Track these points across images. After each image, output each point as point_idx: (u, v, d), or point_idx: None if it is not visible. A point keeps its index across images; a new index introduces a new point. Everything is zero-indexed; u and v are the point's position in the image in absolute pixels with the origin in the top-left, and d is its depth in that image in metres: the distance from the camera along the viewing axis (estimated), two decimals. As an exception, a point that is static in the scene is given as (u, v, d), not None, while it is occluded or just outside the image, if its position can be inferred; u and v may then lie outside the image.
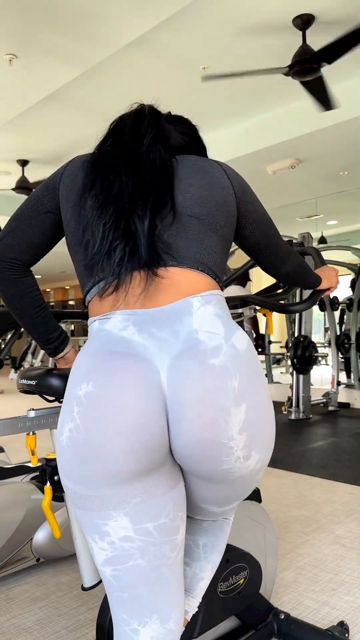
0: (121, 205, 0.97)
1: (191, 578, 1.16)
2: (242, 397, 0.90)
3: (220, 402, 0.88)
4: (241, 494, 1.03)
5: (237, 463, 0.92)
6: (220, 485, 0.97)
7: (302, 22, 3.84)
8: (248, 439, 0.91)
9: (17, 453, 4.19)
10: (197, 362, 0.90)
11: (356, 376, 6.44)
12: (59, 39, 3.76)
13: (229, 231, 1.09)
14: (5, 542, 1.97)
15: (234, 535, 1.58)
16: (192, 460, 0.92)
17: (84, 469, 0.89)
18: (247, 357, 0.94)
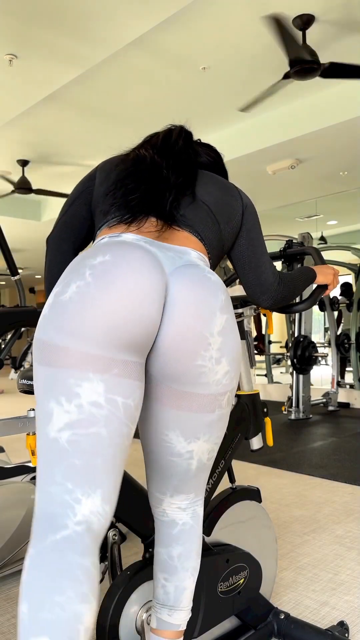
0: (151, 174, 1.15)
1: (174, 593, 1.17)
2: (225, 309, 1.05)
3: (212, 304, 1.03)
4: (208, 428, 1.08)
5: (209, 363, 1.03)
6: (188, 398, 1.05)
7: (302, 22, 3.84)
8: (222, 343, 1.04)
9: (17, 453, 4.19)
10: (198, 271, 1.04)
11: (356, 376, 6.44)
12: (59, 39, 3.76)
13: (229, 232, 1.22)
14: (6, 541, 1.97)
15: (234, 535, 1.58)
16: (172, 352, 1.02)
17: (85, 317, 0.94)
18: (229, 300, 1.08)
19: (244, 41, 4.14)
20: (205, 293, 1.02)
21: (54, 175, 7.25)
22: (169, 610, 1.16)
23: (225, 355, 1.05)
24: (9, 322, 2.14)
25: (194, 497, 1.18)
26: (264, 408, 1.65)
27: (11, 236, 9.58)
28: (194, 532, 1.18)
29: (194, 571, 1.19)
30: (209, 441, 1.11)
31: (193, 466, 1.12)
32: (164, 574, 1.17)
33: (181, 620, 1.17)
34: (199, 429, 1.08)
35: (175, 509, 1.18)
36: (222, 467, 1.52)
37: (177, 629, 1.17)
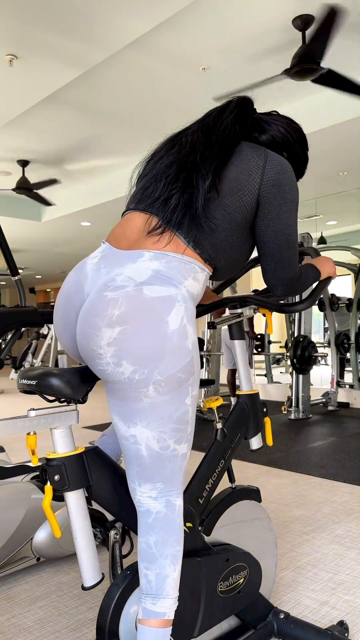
0: (185, 161, 1.25)
1: (156, 581, 1.19)
2: (118, 322, 1.13)
3: (95, 322, 1.15)
4: (142, 414, 1.16)
5: (108, 367, 1.15)
6: (112, 389, 1.19)
7: (302, 22, 3.84)
8: (117, 350, 1.13)
9: (17, 453, 4.19)
10: (97, 291, 1.19)
11: (356, 376, 6.44)
12: (59, 39, 3.76)
13: (235, 204, 1.26)
14: (6, 541, 1.97)
15: (234, 535, 1.58)
16: (83, 357, 1.23)
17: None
18: (151, 304, 1.14)
19: (244, 41, 4.14)
20: (90, 313, 1.17)
21: (54, 175, 7.25)
22: (153, 599, 1.18)
23: (125, 358, 1.13)
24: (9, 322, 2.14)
25: (162, 487, 1.21)
26: (263, 408, 1.65)
27: (11, 236, 9.58)
28: (169, 521, 1.21)
29: (174, 559, 1.20)
30: (149, 427, 1.17)
31: (143, 452, 1.19)
32: (145, 562, 1.20)
33: (166, 608, 1.18)
34: (133, 414, 1.18)
35: (147, 498, 1.21)
36: (222, 467, 1.52)
37: (163, 618, 1.17)
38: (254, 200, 1.26)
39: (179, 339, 1.16)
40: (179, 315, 1.16)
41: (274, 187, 1.26)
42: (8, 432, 1.17)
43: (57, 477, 1.21)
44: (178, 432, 1.20)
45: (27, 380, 1.23)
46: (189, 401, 1.20)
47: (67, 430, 1.24)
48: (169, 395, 1.16)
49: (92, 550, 1.25)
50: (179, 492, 1.24)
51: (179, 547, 1.22)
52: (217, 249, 1.27)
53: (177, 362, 1.16)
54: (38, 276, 15.91)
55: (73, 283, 1.27)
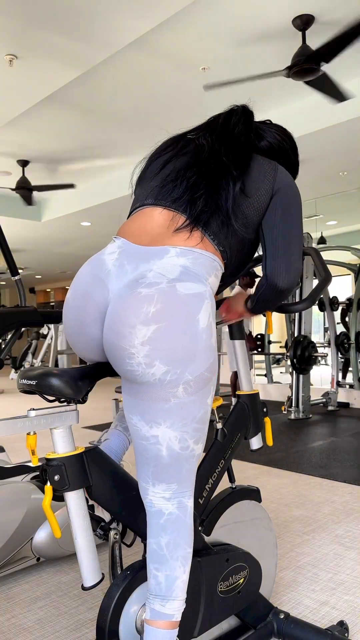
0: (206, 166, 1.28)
1: (165, 582, 1.19)
2: (154, 320, 1.11)
3: (130, 319, 1.12)
4: (167, 414, 1.15)
5: (139, 367, 1.12)
6: (139, 390, 1.16)
7: (302, 22, 3.84)
8: (151, 350, 1.11)
9: (17, 453, 4.19)
10: (130, 288, 1.16)
11: (356, 376, 6.44)
12: (59, 39, 3.76)
13: (249, 206, 1.29)
14: (6, 541, 1.97)
15: (234, 535, 1.58)
16: (110, 359, 1.18)
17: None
18: (185, 301, 1.14)
19: (244, 41, 4.14)
20: (123, 310, 1.14)
21: (54, 175, 7.24)
22: (162, 600, 1.18)
23: (158, 359, 1.12)
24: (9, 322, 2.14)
25: (177, 488, 1.21)
26: (263, 408, 1.65)
27: (11, 236, 9.58)
28: (181, 522, 1.21)
29: (184, 561, 1.21)
30: (173, 428, 1.16)
31: (163, 452, 1.18)
32: (155, 564, 1.20)
33: (174, 610, 1.18)
34: (158, 415, 1.16)
35: (160, 499, 1.21)
36: (222, 467, 1.52)
37: (171, 619, 1.18)
38: (268, 201, 1.30)
39: (207, 336, 1.16)
40: (207, 312, 1.17)
41: (286, 186, 1.32)
42: (8, 432, 1.17)
43: (57, 477, 1.21)
44: (198, 432, 1.20)
45: (27, 380, 1.23)
46: (209, 400, 1.21)
47: (67, 430, 1.24)
48: (195, 395, 1.17)
49: (92, 550, 1.25)
50: (191, 493, 1.24)
51: (190, 549, 1.22)
52: (234, 249, 1.30)
53: (205, 361, 1.16)
54: (38, 276, 15.91)
55: (93, 279, 1.22)
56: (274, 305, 1.37)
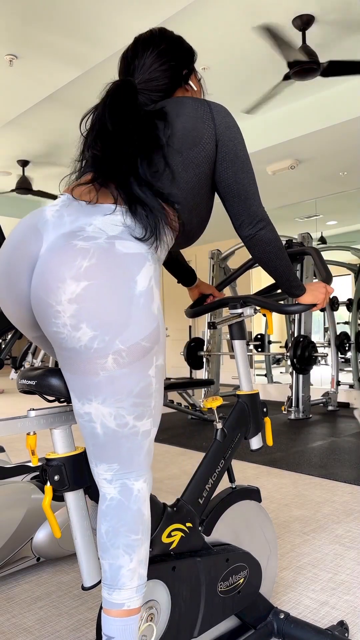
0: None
1: (109, 571, 1.13)
2: (85, 277, 1.04)
3: (61, 271, 1.05)
4: (97, 390, 1.08)
5: (64, 329, 1.06)
6: (69, 361, 1.09)
7: (302, 22, 3.84)
8: (78, 310, 1.04)
9: (17, 453, 4.19)
10: (64, 239, 1.08)
11: (356, 376, 6.44)
12: (59, 39, 3.76)
13: (197, 157, 1.26)
14: (6, 541, 1.97)
15: (234, 535, 1.58)
16: (37, 316, 1.11)
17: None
18: (123, 260, 1.07)
19: (244, 41, 4.14)
20: (54, 260, 1.06)
21: (54, 175, 7.25)
22: (109, 589, 1.13)
23: (85, 320, 1.04)
24: (9, 322, 2.14)
25: (118, 469, 1.14)
26: (263, 408, 1.65)
27: (11, 236, 9.57)
28: (122, 509, 1.14)
29: (127, 549, 1.13)
30: (105, 404, 1.09)
31: (98, 430, 1.11)
32: (100, 551, 1.15)
33: (123, 599, 1.12)
34: (87, 390, 1.09)
35: (103, 481, 1.15)
36: (222, 467, 1.52)
37: (121, 608, 1.12)
38: (214, 147, 1.26)
39: (145, 301, 1.09)
40: (148, 275, 1.10)
41: (227, 129, 1.27)
42: (8, 432, 1.17)
43: (57, 477, 1.21)
44: (139, 407, 1.11)
45: (27, 380, 1.23)
46: (152, 372, 1.12)
47: (67, 430, 1.24)
48: (129, 367, 1.08)
49: (92, 550, 1.25)
50: (139, 474, 1.16)
51: (135, 535, 1.14)
52: (190, 203, 1.25)
53: (142, 329, 1.08)
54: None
55: (28, 228, 1.14)
56: (279, 261, 1.33)
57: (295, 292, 1.41)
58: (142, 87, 1.31)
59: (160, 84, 1.31)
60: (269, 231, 1.30)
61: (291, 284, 1.38)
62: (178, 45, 1.35)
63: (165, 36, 1.34)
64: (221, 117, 1.28)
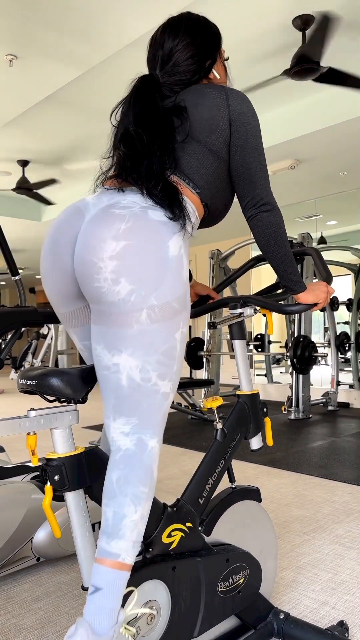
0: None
1: (113, 519, 1.15)
2: (124, 237, 1.15)
3: (102, 232, 1.16)
4: (129, 342, 1.16)
5: (105, 283, 1.15)
6: (103, 314, 1.18)
7: (302, 22, 3.84)
8: (118, 266, 1.14)
9: (17, 453, 4.19)
10: (104, 208, 1.21)
11: (356, 376, 6.44)
12: (59, 39, 3.76)
13: (214, 142, 1.35)
14: (6, 541, 1.97)
15: (234, 535, 1.58)
16: (78, 278, 1.21)
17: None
18: (156, 225, 1.18)
19: (243, 41, 4.14)
20: (96, 225, 1.18)
21: (54, 175, 7.25)
22: (107, 537, 1.15)
23: (125, 275, 1.15)
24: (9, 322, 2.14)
25: (137, 424, 1.19)
26: (263, 408, 1.65)
27: (11, 236, 9.58)
28: (136, 459, 1.18)
29: (134, 499, 1.16)
30: (134, 356, 1.17)
31: (123, 382, 1.18)
32: (105, 498, 1.18)
33: (120, 550, 1.14)
34: (120, 342, 1.17)
35: (120, 434, 1.20)
36: (222, 467, 1.52)
37: (116, 559, 1.13)
38: (229, 132, 1.33)
39: (177, 266, 1.19)
40: (178, 244, 1.21)
41: (240, 115, 1.33)
42: (8, 432, 1.17)
43: (57, 477, 1.21)
44: (163, 365, 1.19)
45: (27, 380, 1.23)
46: (178, 336, 1.21)
47: (67, 430, 1.24)
48: (160, 323, 1.17)
49: (92, 550, 1.25)
50: (154, 433, 1.21)
51: (144, 488, 1.18)
52: (213, 187, 1.35)
53: (173, 290, 1.18)
54: (38, 276, 15.90)
55: (71, 210, 1.27)
56: (278, 247, 1.36)
57: (295, 287, 1.42)
58: (165, 81, 1.39)
59: (182, 79, 1.39)
60: (271, 215, 1.35)
61: (290, 277, 1.40)
62: (204, 34, 1.40)
63: (192, 24, 1.39)
64: (236, 103, 1.34)
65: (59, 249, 1.25)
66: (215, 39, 1.42)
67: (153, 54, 1.41)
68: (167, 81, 1.39)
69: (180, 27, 1.38)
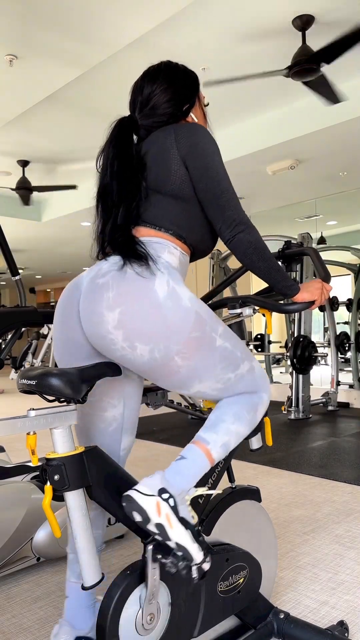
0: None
1: (214, 420, 1.34)
2: (116, 304, 1.20)
3: (96, 308, 1.22)
4: (189, 380, 1.27)
5: (124, 352, 1.22)
6: (149, 374, 1.27)
7: (302, 22, 3.84)
8: (125, 334, 1.19)
9: (17, 453, 4.19)
10: (90, 279, 1.28)
11: (355, 376, 6.44)
12: (59, 40, 3.76)
13: (177, 175, 1.38)
14: (6, 541, 1.97)
15: (234, 535, 1.58)
16: (99, 350, 1.28)
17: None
18: (135, 279, 1.22)
19: (244, 41, 4.14)
20: (90, 300, 1.25)
21: (54, 175, 7.25)
22: (205, 429, 1.33)
23: (136, 340, 1.20)
24: (9, 322, 2.14)
25: (251, 391, 1.39)
26: (263, 408, 1.65)
27: (11, 236, 9.58)
28: (249, 399, 1.38)
29: (236, 415, 1.34)
30: (203, 382, 1.29)
31: (214, 393, 1.34)
32: (215, 409, 1.37)
33: (211, 439, 1.30)
34: (182, 383, 1.28)
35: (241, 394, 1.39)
36: (221, 467, 1.52)
37: (207, 445, 1.30)
38: (184, 169, 1.35)
39: (173, 302, 1.21)
40: (163, 280, 1.23)
41: (190, 147, 1.35)
42: (8, 432, 1.17)
43: (57, 477, 1.21)
44: (229, 364, 1.30)
45: (27, 380, 1.23)
46: (220, 342, 1.28)
47: (67, 430, 1.24)
48: (196, 356, 1.24)
49: (92, 550, 1.25)
50: (264, 390, 1.40)
51: (246, 414, 1.35)
52: (186, 225, 1.38)
53: (184, 326, 1.21)
54: (38, 276, 15.91)
55: (72, 284, 1.36)
56: (263, 262, 1.35)
57: (288, 292, 1.42)
58: (143, 123, 1.44)
59: (159, 120, 1.44)
60: (247, 234, 1.33)
61: (281, 284, 1.39)
62: (182, 80, 1.46)
63: (169, 71, 1.46)
64: (185, 139, 1.36)
65: (68, 321, 1.34)
66: (193, 85, 1.48)
67: (133, 99, 1.48)
68: (145, 123, 1.44)
69: (159, 74, 1.46)
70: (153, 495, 1.20)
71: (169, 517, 1.20)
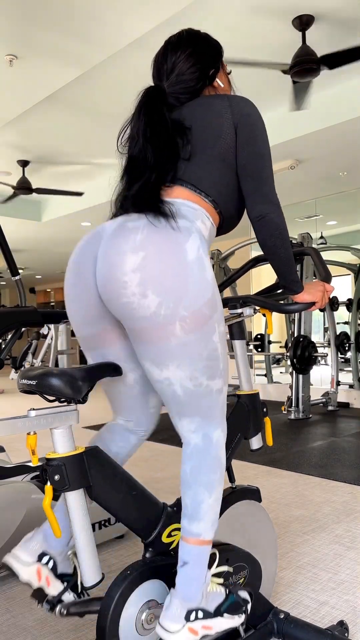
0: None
1: (191, 505, 1.28)
2: (142, 247, 1.18)
3: (120, 246, 1.19)
4: (172, 355, 1.21)
5: (134, 298, 1.18)
6: (140, 333, 1.21)
7: (302, 22, 3.84)
8: (142, 279, 1.16)
9: (17, 453, 4.19)
10: (117, 224, 1.25)
11: (355, 376, 6.44)
12: (59, 40, 3.76)
13: (223, 148, 1.36)
14: (6, 541, 1.97)
15: (234, 535, 1.58)
16: (105, 297, 1.24)
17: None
18: (169, 231, 1.20)
19: (243, 41, 4.14)
20: (114, 240, 1.21)
21: (54, 175, 7.25)
22: (189, 520, 1.28)
23: (150, 287, 1.17)
24: (9, 322, 2.14)
25: (200, 421, 1.30)
26: (263, 408, 1.65)
27: (11, 236, 9.58)
28: (204, 452, 1.30)
29: (208, 486, 1.29)
30: (181, 368, 1.23)
31: (178, 392, 1.26)
32: (183, 487, 1.31)
33: (200, 530, 1.27)
34: (163, 356, 1.22)
35: (187, 431, 1.31)
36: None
37: (198, 537, 1.27)
38: (234, 135, 1.34)
39: (198, 269, 1.20)
40: (195, 244, 1.22)
41: (243, 116, 1.35)
42: (8, 432, 1.17)
43: (57, 477, 1.21)
44: (210, 368, 1.26)
45: (27, 380, 1.23)
46: (216, 338, 1.26)
47: (67, 430, 1.24)
48: (195, 333, 1.21)
49: (92, 550, 1.25)
50: (217, 425, 1.31)
51: (214, 475, 1.30)
52: (224, 192, 1.36)
53: (200, 296, 1.20)
54: (38, 276, 15.91)
55: (91, 234, 1.32)
56: (283, 250, 1.35)
57: (294, 287, 1.42)
58: (171, 91, 1.42)
59: (187, 87, 1.42)
60: (278, 216, 1.35)
61: (290, 277, 1.40)
62: (205, 45, 1.45)
63: (192, 38, 1.44)
64: (239, 107, 1.36)
65: (81, 271, 1.29)
66: (215, 49, 1.47)
67: (157, 69, 1.46)
68: (173, 90, 1.42)
69: (180, 42, 1.43)
70: (183, 626, 1.21)
71: (206, 627, 1.24)
